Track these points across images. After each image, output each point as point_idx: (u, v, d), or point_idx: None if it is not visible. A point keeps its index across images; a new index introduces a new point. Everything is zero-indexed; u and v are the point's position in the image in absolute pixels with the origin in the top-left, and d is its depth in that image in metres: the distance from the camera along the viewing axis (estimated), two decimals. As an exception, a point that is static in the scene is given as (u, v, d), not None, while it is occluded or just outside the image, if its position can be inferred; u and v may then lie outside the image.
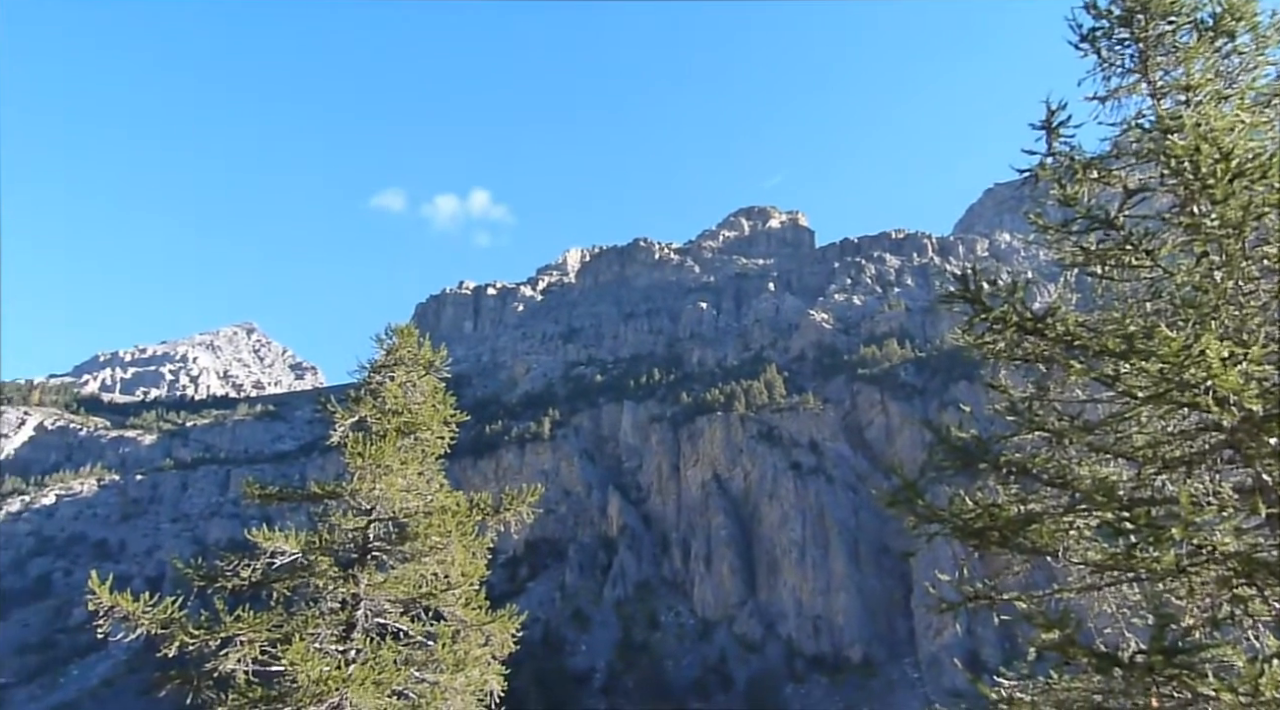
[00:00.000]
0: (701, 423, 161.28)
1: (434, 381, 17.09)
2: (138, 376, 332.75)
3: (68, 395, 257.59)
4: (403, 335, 17.11)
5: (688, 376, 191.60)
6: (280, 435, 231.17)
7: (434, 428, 16.46)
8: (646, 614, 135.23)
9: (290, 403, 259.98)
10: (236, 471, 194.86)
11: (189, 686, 14.14)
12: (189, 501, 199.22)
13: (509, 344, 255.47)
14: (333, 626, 14.86)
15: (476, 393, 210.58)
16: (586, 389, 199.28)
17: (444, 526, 15.13)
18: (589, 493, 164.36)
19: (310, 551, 14.97)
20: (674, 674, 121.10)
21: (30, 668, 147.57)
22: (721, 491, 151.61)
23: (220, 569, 14.90)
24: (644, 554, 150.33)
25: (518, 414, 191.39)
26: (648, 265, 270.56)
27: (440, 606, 15.39)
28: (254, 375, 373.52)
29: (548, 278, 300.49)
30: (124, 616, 13.74)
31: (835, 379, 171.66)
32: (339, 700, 13.61)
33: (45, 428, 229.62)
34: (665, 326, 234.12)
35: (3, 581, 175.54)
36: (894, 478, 9.93)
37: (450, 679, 14.66)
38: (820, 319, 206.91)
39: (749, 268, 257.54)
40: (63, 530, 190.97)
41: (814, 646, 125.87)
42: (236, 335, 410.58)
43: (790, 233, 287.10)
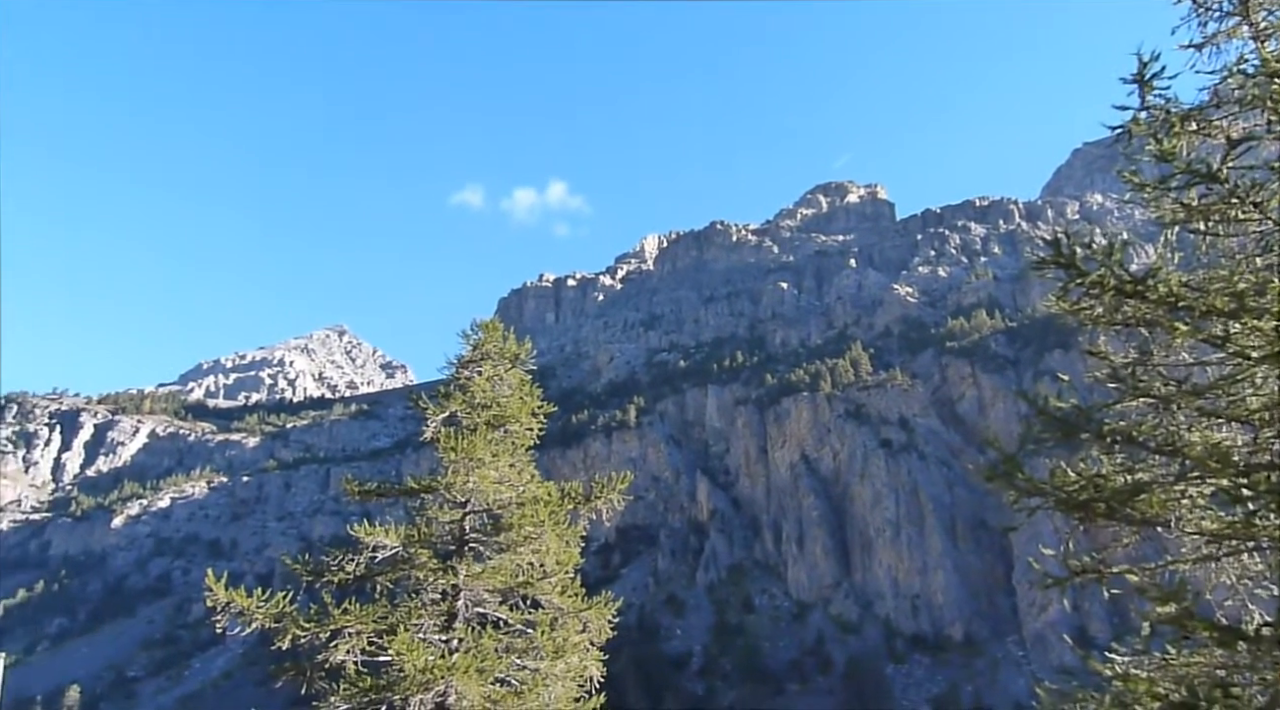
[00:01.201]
0: (787, 404, 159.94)
1: (520, 374, 17.30)
2: (239, 382, 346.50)
3: (176, 403, 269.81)
4: (488, 330, 17.35)
5: (771, 358, 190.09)
6: (375, 433, 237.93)
7: (523, 420, 16.67)
8: (740, 597, 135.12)
9: (383, 401, 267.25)
10: (335, 470, 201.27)
11: (303, 677, 14.69)
12: (293, 500, 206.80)
13: (591, 334, 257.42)
14: (435, 617, 15.23)
15: (561, 383, 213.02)
16: (670, 375, 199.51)
17: (537, 516, 15.33)
18: (677, 478, 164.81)
19: (410, 545, 15.35)
20: (770, 656, 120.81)
21: (156, 661, 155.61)
22: (811, 472, 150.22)
23: (326, 564, 15.40)
24: (735, 537, 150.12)
25: (603, 403, 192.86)
26: (725, 248, 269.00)
27: (537, 595, 15.62)
28: (347, 376, 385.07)
29: (626, 266, 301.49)
30: (239, 612, 14.34)
31: (923, 354, 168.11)
32: (445, 688, 13.97)
33: (157, 434, 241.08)
34: (746, 308, 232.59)
35: (128, 581, 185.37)
36: (990, 452, 9.66)
37: (550, 665, 14.89)
38: (904, 293, 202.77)
39: (828, 245, 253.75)
40: (178, 531, 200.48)
41: (913, 626, 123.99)
42: (329, 338, 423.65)
43: (869, 207, 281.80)
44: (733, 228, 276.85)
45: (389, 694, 13.93)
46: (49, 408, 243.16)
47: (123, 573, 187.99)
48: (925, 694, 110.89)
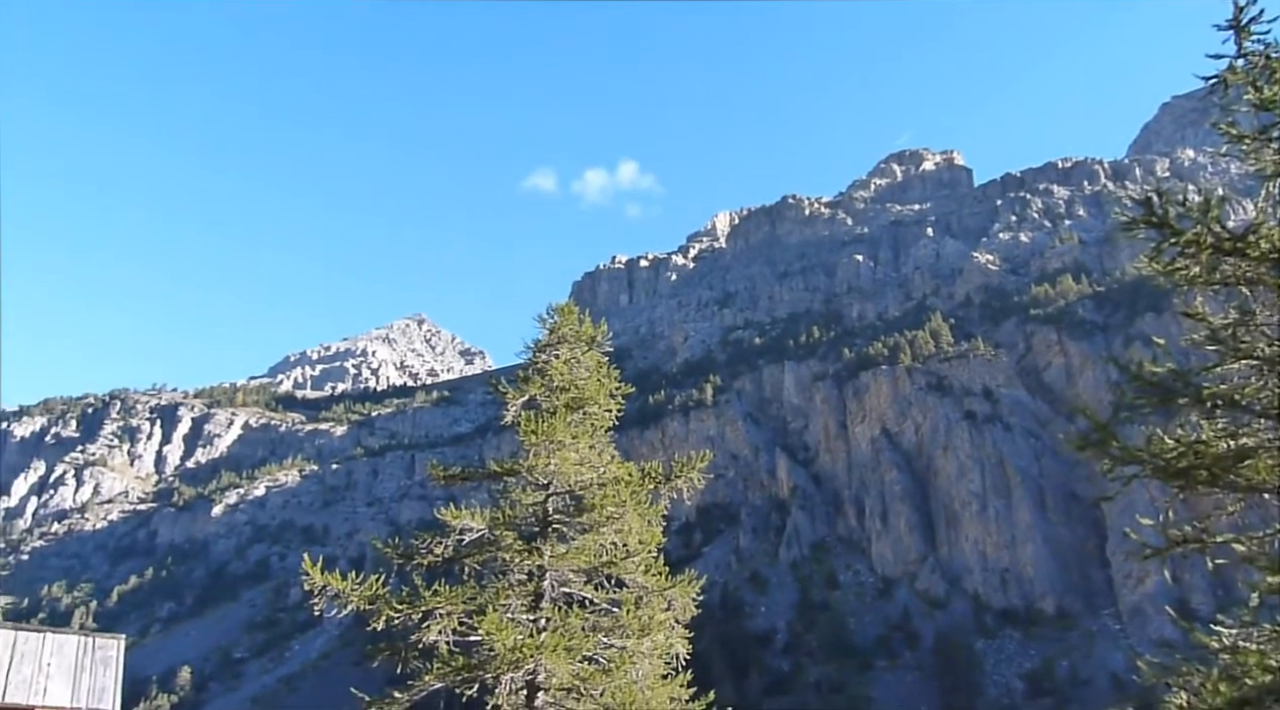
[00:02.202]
0: (866, 378, 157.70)
1: (597, 356, 17.40)
2: (325, 373, 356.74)
3: (266, 395, 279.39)
4: (563, 314, 17.49)
5: (848, 332, 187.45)
6: (456, 419, 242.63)
7: (601, 401, 16.78)
8: (824, 573, 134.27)
9: (463, 387, 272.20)
10: (420, 455, 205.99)
11: (398, 657, 15.13)
12: (380, 486, 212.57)
13: (665, 314, 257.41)
14: (522, 597, 15.50)
15: (637, 364, 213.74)
16: (746, 352, 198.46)
17: (618, 496, 15.44)
18: (756, 456, 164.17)
19: (495, 527, 15.63)
20: (856, 633, 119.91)
21: (259, 643, 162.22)
22: (892, 446, 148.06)
23: (415, 547, 15.80)
24: (817, 513, 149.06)
25: (679, 382, 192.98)
26: (798, 222, 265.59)
27: (621, 574, 15.76)
28: (428, 364, 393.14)
29: (698, 244, 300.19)
30: (335, 595, 14.82)
31: (1006, 322, 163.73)
32: (534, 666, 14.23)
33: (250, 426, 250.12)
34: (821, 283, 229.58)
35: (229, 566, 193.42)
36: (1081, 420, 9.37)
37: (637, 643, 15.03)
38: (985, 260, 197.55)
39: (904, 214, 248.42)
40: (274, 518, 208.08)
41: (1003, 600, 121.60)
42: (408, 327, 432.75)
43: (946, 173, 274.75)
44: (805, 201, 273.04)
45: (481, 672, 14.25)
46: (149, 403, 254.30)
47: (224, 559, 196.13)
48: (1018, 669, 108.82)
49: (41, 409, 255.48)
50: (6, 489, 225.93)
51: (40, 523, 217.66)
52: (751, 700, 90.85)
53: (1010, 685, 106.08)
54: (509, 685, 14.43)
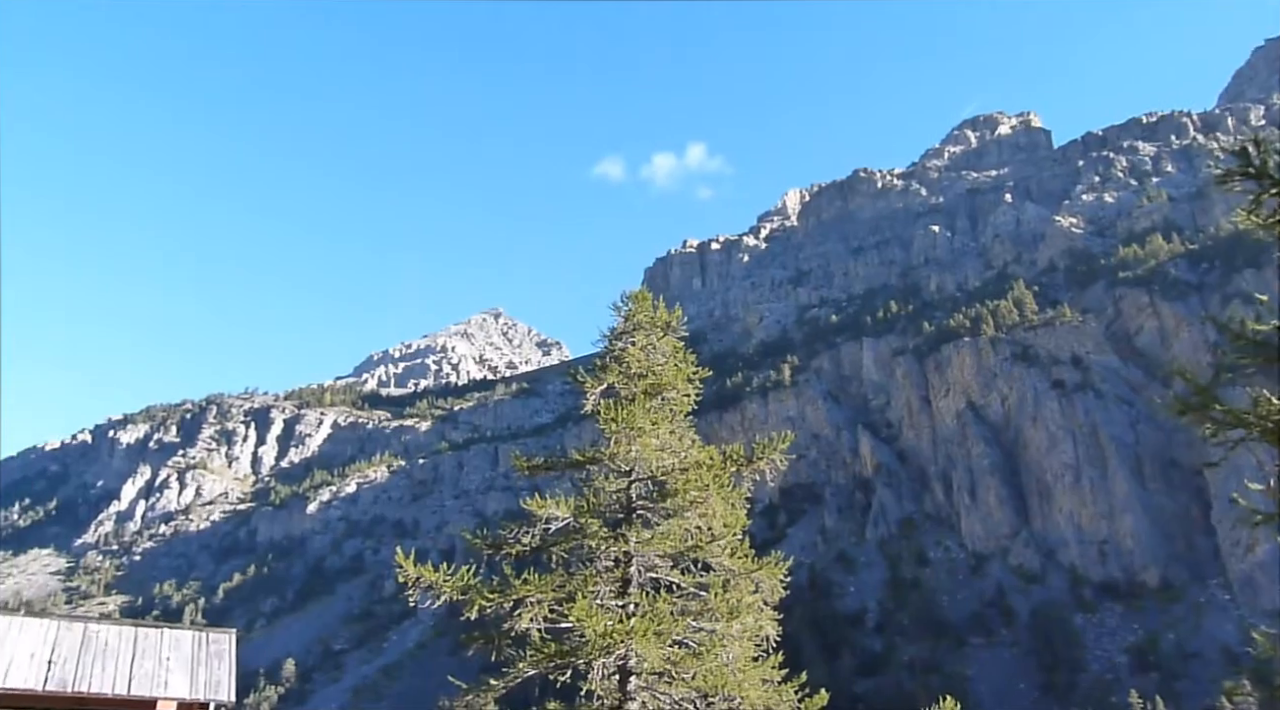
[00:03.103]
0: (948, 351, 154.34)
1: (673, 341, 17.38)
2: (407, 370, 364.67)
3: (353, 394, 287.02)
4: (638, 300, 17.50)
5: (927, 305, 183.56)
6: (537, 410, 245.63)
7: (679, 386, 16.77)
8: (913, 551, 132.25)
9: (541, 378, 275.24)
10: (503, 447, 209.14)
11: (492, 645, 15.41)
12: (466, 479, 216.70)
13: (739, 295, 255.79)
14: (610, 583, 15.62)
15: (713, 348, 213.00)
16: (822, 330, 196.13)
17: (701, 481, 15.42)
18: (838, 434, 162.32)
19: (580, 515, 15.76)
20: (949, 609, 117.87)
21: (357, 635, 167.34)
22: (978, 419, 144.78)
23: (503, 537, 16.04)
24: (903, 491, 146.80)
25: (756, 364, 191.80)
26: (870, 196, 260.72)
27: (707, 558, 15.75)
28: (506, 356, 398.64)
29: (769, 224, 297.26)
30: (428, 586, 15.15)
31: (1093, 286, 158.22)
32: (625, 651, 14.33)
33: (339, 424, 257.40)
34: (897, 256, 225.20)
35: (326, 562, 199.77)
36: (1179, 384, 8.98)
37: (726, 626, 15.02)
38: (1068, 224, 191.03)
39: (981, 181, 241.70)
40: (365, 514, 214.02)
41: (1102, 573, 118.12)
42: (486, 321, 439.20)
43: (1023, 137, 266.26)
44: (877, 174, 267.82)
45: (573, 658, 14.42)
46: (243, 406, 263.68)
47: (321, 554, 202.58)
48: (1120, 643, 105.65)
49: (144, 416, 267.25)
50: (117, 493, 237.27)
51: (149, 525, 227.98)
52: (844, 681, 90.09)
53: (1114, 660, 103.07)
54: (601, 670, 14.56)
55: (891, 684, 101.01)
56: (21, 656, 9.69)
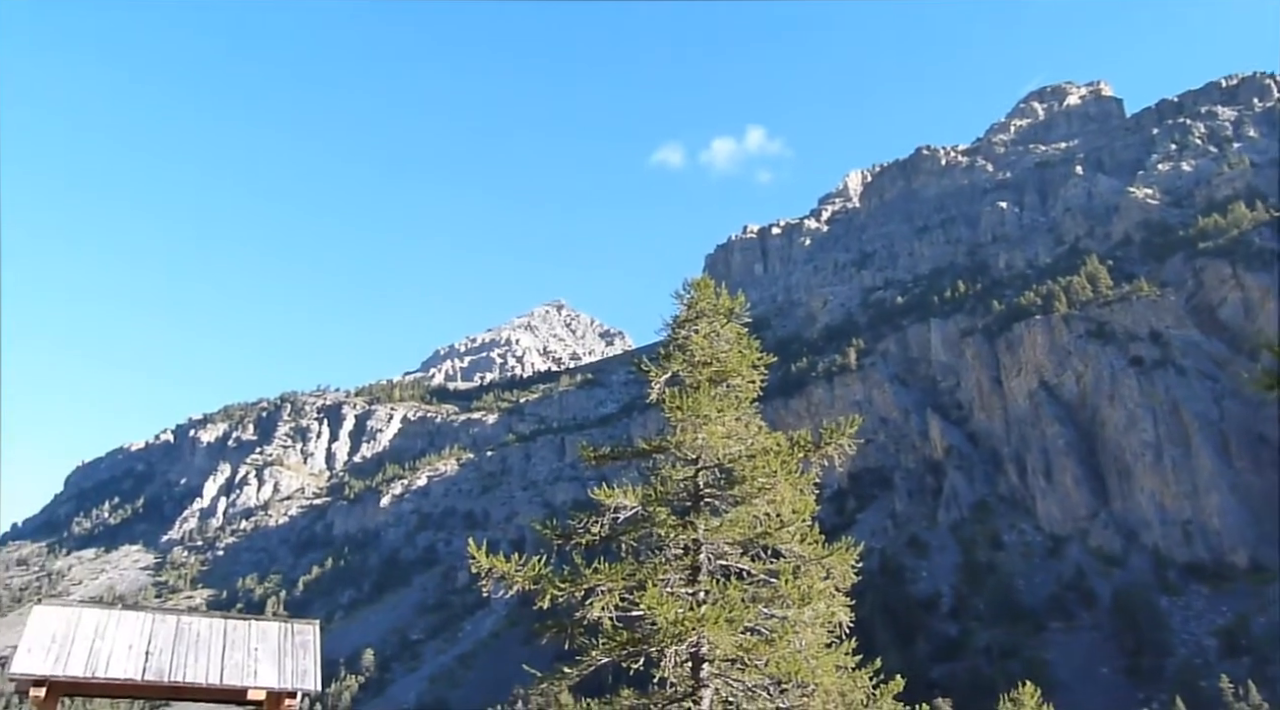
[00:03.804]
0: (1019, 329, 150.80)
1: (736, 328, 17.30)
2: (473, 364, 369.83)
3: (420, 389, 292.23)
4: (700, 288, 17.45)
5: (996, 283, 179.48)
6: (601, 400, 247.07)
7: (743, 373, 16.69)
8: (987, 534, 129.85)
9: (605, 369, 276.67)
10: (569, 438, 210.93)
11: (564, 634, 15.58)
12: (534, 470, 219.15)
13: (801, 280, 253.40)
14: (679, 571, 15.65)
15: (777, 333, 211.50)
16: (888, 313, 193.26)
17: (768, 467, 15.34)
18: (906, 418, 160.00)
19: (648, 504, 15.81)
20: (1026, 593, 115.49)
21: (433, 625, 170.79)
22: (1052, 399, 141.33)
23: (573, 527, 16.17)
24: (975, 473, 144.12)
25: (821, 348, 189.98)
26: (934, 173, 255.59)
27: (777, 544, 15.68)
28: (569, 347, 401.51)
29: (831, 207, 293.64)
30: (501, 576, 15.37)
31: (1171, 259, 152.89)
32: (697, 639, 14.37)
33: (408, 419, 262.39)
34: (963, 234, 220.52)
35: (400, 553, 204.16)
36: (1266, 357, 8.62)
37: (798, 613, 14.94)
38: (1143, 195, 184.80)
39: (1050, 155, 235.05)
40: (437, 506, 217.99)
41: (1187, 554, 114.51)
42: (549, 313, 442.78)
43: (1093, 107, 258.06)
44: (940, 151, 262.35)
45: (645, 646, 14.50)
46: (316, 403, 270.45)
47: (395, 546, 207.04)
48: (1208, 626, 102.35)
49: (222, 415, 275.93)
50: (199, 491, 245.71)
51: (230, 521, 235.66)
52: (919, 667, 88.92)
53: (1202, 644, 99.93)
54: (673, 658, 14.62)
55: (968, 669, 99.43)
56: (120, 648, 10.13)
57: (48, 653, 9.82)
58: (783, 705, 14.77)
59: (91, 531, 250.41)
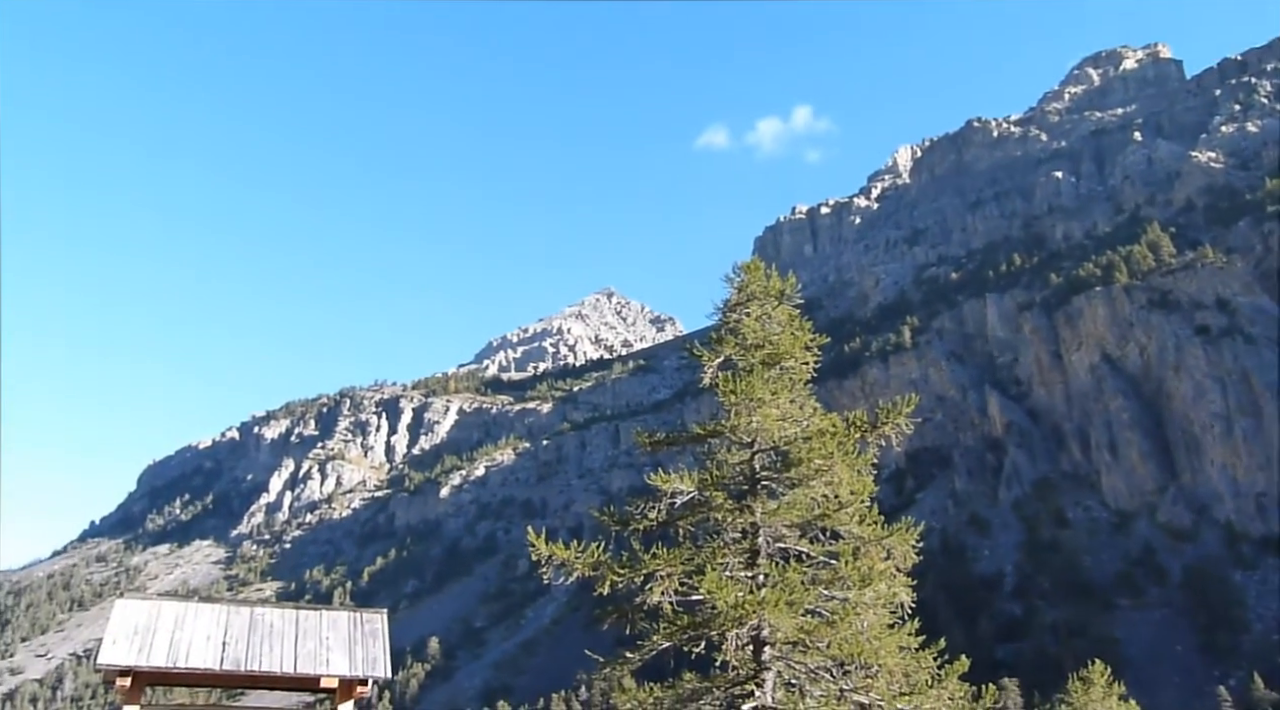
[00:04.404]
0: (1079, 302, 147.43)
1: (788, 310, 17.19)
2: (526, 354, 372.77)
3: (475, 380, 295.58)
4: (750, 270, 17.37)
5: (1054, 255, 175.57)
6: (654, 386, 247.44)
7: (796, 355, 16.60)
8: (1051, 511, 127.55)
9: (657, 355, 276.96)
10: (624, 425, 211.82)
11: (625, 619, 15.70)
12: (589, 457, 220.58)
13: (852, 259, 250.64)
14: (738, 555, 15.67)
15: (829, 314, 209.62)
16: (942, 289, 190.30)
17: (825, 448, 15.26)
18: (964, 395, 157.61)
19: (705, 488, 15.83)
20: (1093, 571, 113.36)
21: (495, 613, 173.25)
22: (1115, 372, 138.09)
23: (630, 513, 16.26)
24: (1037, 450, 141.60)
25: (874, 328, 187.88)
26: (986, 146, 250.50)
27: (836, 526, 15.60)
28: (621, 335, 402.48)
29: (880, 184, 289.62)
30: (560, 564, 15.54)
31: (1238, 224, 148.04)
32: (757, 622, 14.39)
33: (464, 410, 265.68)
34: (1018, 207, 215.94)
35: (461, 543, 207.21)
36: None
37: (859, 594, 14.87)
38: (1206, 159, 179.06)
39: (1106, 121, 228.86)
40: (495, 496, 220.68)
41: (1261, 528, 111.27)
42: (599, 301, 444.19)
43: (1151, 70, 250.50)
44: (992, 123, 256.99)
45: (706, 630, 14.56)
46: (374, 397, 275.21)
47: (456, 536, 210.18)
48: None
49: (284, 412, 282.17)
50: (265, 486, 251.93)
51: (296, 514, 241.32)
52: (984, 646, 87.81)
53: (1279, 619, 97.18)
54: (734, 641, 14.66)
55: (1034, 648, 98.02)
56: (199, 639, 10.50)
57: (131, 644, 10.22)
58: (846, 687, 14.73)
59: (165, 528, 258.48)
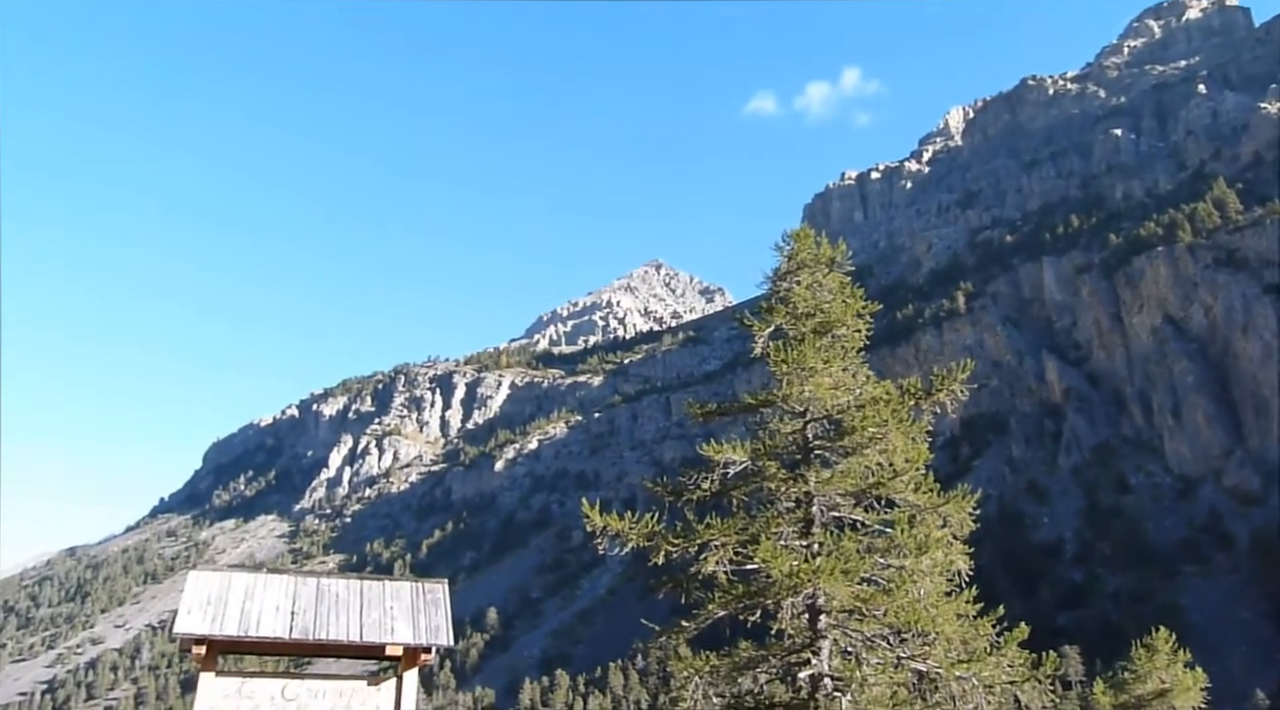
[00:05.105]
0: (1140, 263, 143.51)
1: (839, 277, 17.02)
2: (575, 328, 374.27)
3: (526, 355, 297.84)
4: (799, 238, 17.21)
5: (1113, 215, 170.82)
6: (704, 358, 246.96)
7: (848, 322, 16.45)
8: (1112, 477, 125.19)
9: (707, 326, 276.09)
10: (675, 397, 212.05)
11: (680, 589, 15.83)
12: (641, 429, 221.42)
13: (903, 224, 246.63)
14: (792, 524, 15.66)
15: (880, 281, 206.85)
16: (997, 253, 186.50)
17: (878, 417, 15.15)
18: (1020, 360, 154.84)
19: (758, 458, 15.83)
20: (1156, 537, 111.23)
21: (551, 584, 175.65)
22: (1178, 334, 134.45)
23: (683, 484, 16.34)
24: (1096, 415, 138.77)
25: (927, 294, 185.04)
26: (1041, 104, 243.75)
27: (891, 494, 15.51)
28: (670, 307, 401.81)
29: (931, 146, 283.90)
30: (615, 535, 15.68)
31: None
32: (813, 590, 14.40)
33: (517, 385, 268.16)
34: (1075, 166, 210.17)
35: (516, 516, 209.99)
36: None
37: (915, 562, 14.79)
38: (1276, 110, 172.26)
39: (1168, 75, 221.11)
40: (548, 468, 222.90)
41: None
42: (648, 273, 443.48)
43: (1216, 19, 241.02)
44: (1047, 80, 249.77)
45: (761, 599, 14.62)
46: (428, 374, 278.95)
47: (510, 509, 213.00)
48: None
49: (342, 389, 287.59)
50: (325, 462, 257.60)
51: (355, 489, 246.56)
52: (1044, 614, 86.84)
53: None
54: (790, 610, 14.70)
55: (1096, 616, 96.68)
56: (269, 609, 10.87)
57: (205, 614, 10.62)
58: (903, 654, 14.70)
59: (230, 503, 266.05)
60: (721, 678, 15.03)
